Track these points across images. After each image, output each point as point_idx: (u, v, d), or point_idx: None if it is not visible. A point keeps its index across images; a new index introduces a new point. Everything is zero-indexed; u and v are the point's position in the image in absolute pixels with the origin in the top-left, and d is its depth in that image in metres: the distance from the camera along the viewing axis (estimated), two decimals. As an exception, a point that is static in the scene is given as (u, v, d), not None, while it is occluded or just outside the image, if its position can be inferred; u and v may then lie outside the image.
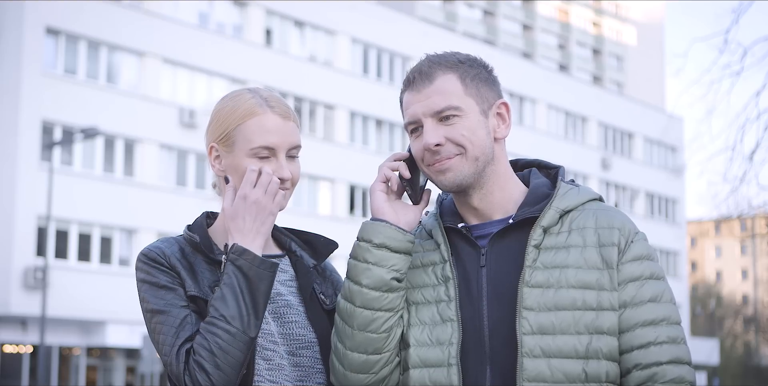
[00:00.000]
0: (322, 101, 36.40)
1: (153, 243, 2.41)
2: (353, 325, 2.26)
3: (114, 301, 29.43)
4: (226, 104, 2.41)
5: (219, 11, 34.53)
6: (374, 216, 2.31)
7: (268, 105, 2.38)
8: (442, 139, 2.26)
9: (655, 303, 2.21)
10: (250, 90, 2.44)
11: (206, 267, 2.36)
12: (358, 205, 37.52)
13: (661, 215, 51.57)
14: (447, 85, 2.28)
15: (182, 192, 32.12)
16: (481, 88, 2.31)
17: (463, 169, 2.26)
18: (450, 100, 2.27)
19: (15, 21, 29.12)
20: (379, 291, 2.25)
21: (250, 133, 2.35)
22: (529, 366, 2.16)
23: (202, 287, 2.32)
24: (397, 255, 2.27)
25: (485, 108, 2.30)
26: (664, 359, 2.17)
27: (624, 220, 2.27)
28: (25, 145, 28.55)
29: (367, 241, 2.27)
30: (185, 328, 2.28)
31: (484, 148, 2.28)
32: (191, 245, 2.39)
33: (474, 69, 2.32)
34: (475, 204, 2.32)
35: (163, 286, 2.32)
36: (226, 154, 2.39)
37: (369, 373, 2.28)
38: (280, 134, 2.37)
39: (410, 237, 2.28)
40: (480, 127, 2.28)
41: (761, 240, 31.72)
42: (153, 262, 2.34)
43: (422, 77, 2.30)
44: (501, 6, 65.14)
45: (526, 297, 2.19)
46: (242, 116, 2.37)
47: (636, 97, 57.70)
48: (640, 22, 73.57)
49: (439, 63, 2.32)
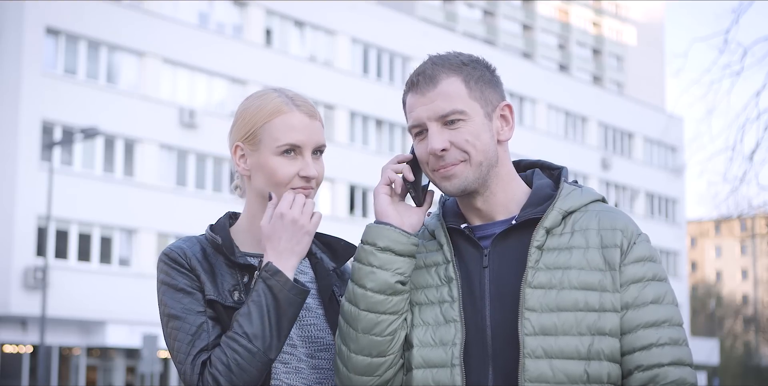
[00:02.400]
0: (322, 101, 36.39)
1: (176, 242, 2.40)
2: (357, 328, 2.26)
3: (114, 301, 29.44)
4: (252, 103, 2.41)
5: (219, 11, 34.53)
6: (378, 219, 2.30)
7: (294, 104, 2.39)
8: (447, 143, 2.25)
9: (658, 304, 2.20)
10: (276, 90, 2.44)
11: (227, 270, 2.35)
12: (358, 205, 37.51)
13: (661, 215, 51.57)
14: (451, 88, 2.26)
15: (182, 192, 32.12)
16: (485, 90, 2.29)
17: (467, 175, 2.26)
18: (455, 104, 2.25)
19: (15, 21, 29.12)
20: (384, 294, 2.25)
21: (276, 131, 2.35)
22: (531, 366, 2.16)
23: (222, 291, 2.32)
24: (402, 258, 2.26)
25: (489, 111, 2.29)
26: (666, 360, 2.17)
27: (627, 222, 2.27)
28: (25, 145, 28.55)
29: (372, 244, 2.26)
30: (201, 337, 2.27)
31: (487, 152, 2.27)
32: (213, 246, 2.38)
33: (478, 71, 2.31)
34: (478, 206, 2.31)
35: (181, 289, 2.31)
36: (251, 152, 2.38)
37: (373, 376, 2.28)
38: (307, 132, 2.37)
39: (414, 240, 2.28)
40: (484, 130, 2.27)
41: (761, 240, 31.73)
42: (174, 263, 2.33)
43: (426, 80, 2.28)
44: (501, 6, 65.13)
45: (528, 297, 2.19)
46: (269, 114, 2.37)
47: (636, 97, 57.70)
48: (640, 22, 73.57)
49: (443, 65, 2.30)
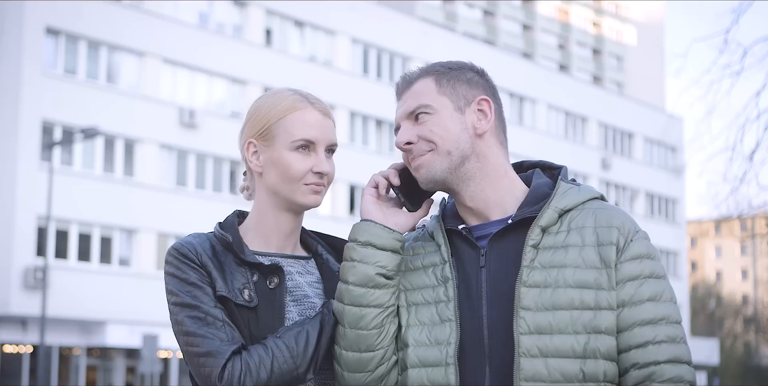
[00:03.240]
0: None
1: (185, 237, 2.40)
2: (344, 323, 2.28)
3: (114, 301, 29.44)
4: (266, 101, 2.45)
5: (219, 11, 34.53)
6: (362, 217, 2.35)
7: (309, 101, 2.44)
8: (413, 137, 2.30)
9: (654, 302, 2.20)
10: (289, 88, 2.49)
11: (236, 268, 2.36)
12: (358, 205, 37.38)
13: (661, 215, 51.57)
14: (421, 87, 2.33)
15: (182, 192, 32.12)
16: (458, 86, 2.33)
17: (434, 164, 2.29)
18: (420, 99, 2.31)
19: (15, 21, 29.12)
20: (365, 287, 2.27)
21: (291, 126, 2.39)
22: (526, 365, 2.16)
23: (232, 289, 2.32)
24: (383, 252, 2.28)
25: (461, 104, 2.32)
26: (662, 358, 2.16)
27: (624, 219, 2.26)
28: (25, 145, 28.55)
29: (353, 241, 2.31)
30: (220, 327, 2.27)
31: (457, 142, 2.29)
32: (223, 244, 2.38)
33: (456, 71, 2.35)
34: (467, 203, 2.33)
35: (192, 283, 2.31)
36: (265, 148, 2.41)
37: (365, 372, 2.29)
38: (321, 129, 2.40)
39: (397, 235, 2.30)
40: (453, 123, 2.30)
41: (761, 240, 31.70)
42: (184, 257, 2.33)
43: (404, 84, 2.37)
44: (501, 6, 65.11)
45: (524, 296, 2.20)
46: (284, 110, 2.40)
47: (636, 97, 57.68)
48: (640, 22, 73.55)
49: (424, 69, 2.37)
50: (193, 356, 2.25)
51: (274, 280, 2.35)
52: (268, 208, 2.42)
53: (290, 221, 2.44)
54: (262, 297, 2.34)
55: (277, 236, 2.43)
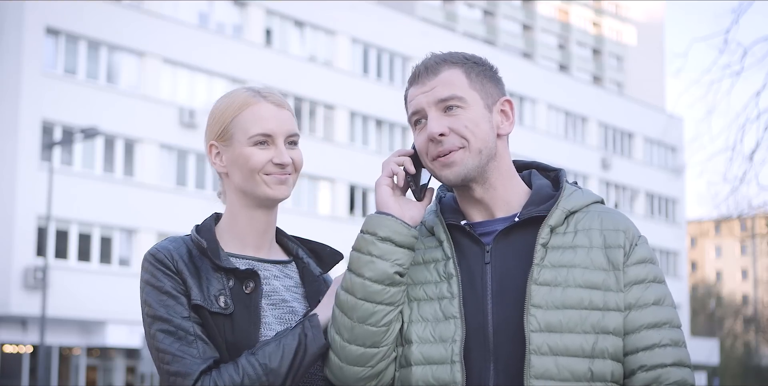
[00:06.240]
0: (322, 101, 36.40)
1: (161, 242, 2.39)
2: (353, 317, 2.26)
3: (114, 301, 29.43)
4: (221, 102, 2.45)
5: (219, 11, 34.53)
6: (379, 209, 2.30)
7: (261, 95, 2.41)
8: (445, 128, 2.26)
9: (659, 306, 2.24)
10: (244, 87, 2.48)
11: (213, 273, 2.34)
12: (358, 205, 37.51)
13: (661, 215, 51.57)
14: (452, 77, 2.30)
15: (182, 192, 32.12)
16: (485, 83, 2.32)
17: (467, 162, 2.27)
18: (454, 90, 2.28)
19: (15, 21, 29.12)
20: (382, 284, 2.25)
21: (246, 123, 2.38)
22: (536, 363, 2.17)
23: (207, 296, 2.31)
24: (401, 249, 2.26)
25: (489, 103, 2.31)
26: (669, 361, 2.20)
27: (628, 223, 2.30)
28: (25, 145, 28.55)
29: (372, 234, 2.27)
30: (191, 343, 2.26)
31: (486, 141, 2.28)
32: (199, 249, 2.37)
33: (479, 66, 2.34)
34: (478, 197, 2.32)
35: (166, 292, 2.30)
36: (225, 148, 2.41)
37: (365, 366, 2.28)
38: (276, 121, 2.39)
39: (414, 232, 2.28)
40: (484, 120, 2.29)
41: (761, 240, 31.68)
42: (160, 264, 2.32)
43: (428, 71, 2.32)
44: (501, 6, 65.13)
45: (535, 294, 2.20)
46: (237, 108, 2.40)
47: (636, 97, 57.69)
48: (640, 22, 73.57)
49: (445, 59, 2.34)
50: (164, 373, 2.26)
51: (250, 285, 2.34)
52: (239, 208, 2.41)
53: (263, 218, 2.42)
54: (238, 302, 2.32)
55: (251, 236, 2.42)
